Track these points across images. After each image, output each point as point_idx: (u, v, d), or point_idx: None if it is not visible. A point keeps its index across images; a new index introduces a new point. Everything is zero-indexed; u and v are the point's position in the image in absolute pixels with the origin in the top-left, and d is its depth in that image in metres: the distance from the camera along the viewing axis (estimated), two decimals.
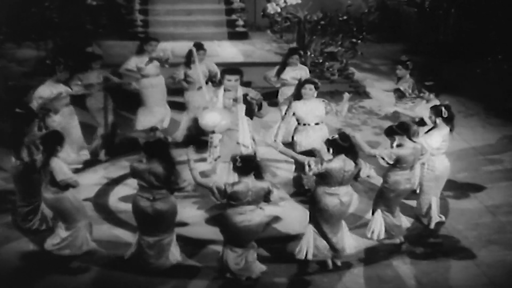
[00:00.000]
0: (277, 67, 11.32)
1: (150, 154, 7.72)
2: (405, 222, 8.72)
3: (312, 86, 9.38)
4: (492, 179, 10.33)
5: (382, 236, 8.48)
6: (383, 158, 8.30)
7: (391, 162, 8.28)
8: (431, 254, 8.33)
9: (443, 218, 9.07)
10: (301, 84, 9.67)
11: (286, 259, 8.13)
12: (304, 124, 9.40)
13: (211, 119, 8.89)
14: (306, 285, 7.73)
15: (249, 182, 7.51)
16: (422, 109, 9.76)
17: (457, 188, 9.98)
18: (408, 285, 7.76)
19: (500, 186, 10.14)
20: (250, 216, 7.54)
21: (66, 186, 7.89)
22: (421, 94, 9.91)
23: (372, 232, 8.49)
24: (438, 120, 8.80)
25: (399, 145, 8.36)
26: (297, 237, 8.51)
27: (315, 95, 9.41)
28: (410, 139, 8.41)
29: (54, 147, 7.94)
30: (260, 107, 9.22)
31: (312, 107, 9.37)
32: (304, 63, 12.30)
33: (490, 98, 13.52)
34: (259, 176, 7.63)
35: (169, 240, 7.87)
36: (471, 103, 13.46)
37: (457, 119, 12.23)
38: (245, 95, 9.13)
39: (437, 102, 9.59)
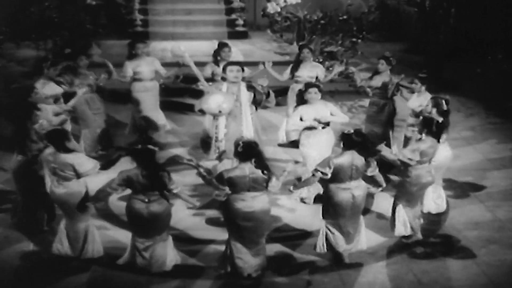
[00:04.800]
0: (290, 66, 11.26)
1: (137, 161, 7.67)
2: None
3: (316, 90, 9.30)
4: (492, 179, 10.33)
5: (409, 232, 8.45)
6: (410, 159, 8.23)
7: (418, 159, 8.23)
8: (431, 254, 8.33)
9: (443, 208, 9.13)
10: (304, 89, 9.47)
11: (287, 258, 8.16)
12: (311, 128, 9.31)
13: (213, 101, 9.03)
14: (306, 285, 7.73)
15: (247, 168, 7.53)
16: (413, 100, 9.90)
17: (457, 188, 9.98)
18: (408, 284, 7.76)
19: (500, 185, 10.14)
20: (251, 202, 7.56)
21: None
22: (413, 85, 10.00)
23: (399, 230, 8.45)
24: (434, 111, 8.84)
25: (421, 139, 8.33)
26: (300, 236, 8.61)
27: (319, 97, 9.31)
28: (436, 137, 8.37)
29: (63, 144, 7.92)
30: (268, 95, 9.22)
31: (317, 110, 9.27)
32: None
33: (490, 98, 13.52)
34: (260, 164, 7.59)
35: (164, 243, 7.82)
36: (471, 103, 13.46)
37: (457, 118, 12.37)
38: (249, 82, 9.17)
39: (428, 95, 9.67)
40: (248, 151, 7.60)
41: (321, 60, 14.43)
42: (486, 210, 9.43)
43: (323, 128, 9.31)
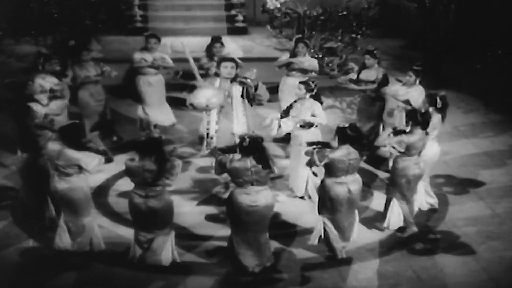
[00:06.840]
0: (284, 56, 11.30)
1: (142, 153, 7.70)
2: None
3: (302, 86, 9.27)
4: (492, 175, 10.32)
5: (400, 224, 8.51)
6: (394, 147, 8.35)
7: (402, 150, 8.31)
8: (430, 250, 8.33)
9: (435, 206, 9.15)
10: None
11: (286, 255, 8.16)
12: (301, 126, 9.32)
13: (202, 95, 9.00)
14: (306, 281, 7.73)
15: (248, 162, 7.56)
16: (404, 93, 9.93)
17: (456, 184, 9.98)
18: (407, 281, 7.76)
19: (500, 181, 10.13)
20: (255, 197, 7.59)
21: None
22: (406, 78, 10.01)
23: (389, 222, 8.52)
24: (431, 109, 8.86)
25: (409, 131, 8.38)
26: (298, 232, 8.62)
27: (307, 96, 9.23)
28: (423, 129, 8.40)
29: (77, 140, 7.91)
30: (256, 87, 9.17)
31: (303, 109, 9.22)
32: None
33: (490, 94, 13.50)
34: (261, 159, 7.61)
35: (164, 238, 7.82)
36: (470, 99, 13.45)
37: (457, 115, 12.38)
38: (236, 76, 9.14)
39: (421, 88, 9.67)
40: (253, 146, 7.62)
41: (320, 55, 14.43)
42: (486, 206, 9.42)
43: (301, 126, 9.25)
